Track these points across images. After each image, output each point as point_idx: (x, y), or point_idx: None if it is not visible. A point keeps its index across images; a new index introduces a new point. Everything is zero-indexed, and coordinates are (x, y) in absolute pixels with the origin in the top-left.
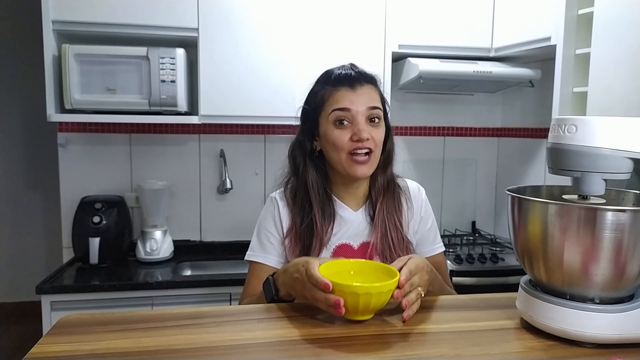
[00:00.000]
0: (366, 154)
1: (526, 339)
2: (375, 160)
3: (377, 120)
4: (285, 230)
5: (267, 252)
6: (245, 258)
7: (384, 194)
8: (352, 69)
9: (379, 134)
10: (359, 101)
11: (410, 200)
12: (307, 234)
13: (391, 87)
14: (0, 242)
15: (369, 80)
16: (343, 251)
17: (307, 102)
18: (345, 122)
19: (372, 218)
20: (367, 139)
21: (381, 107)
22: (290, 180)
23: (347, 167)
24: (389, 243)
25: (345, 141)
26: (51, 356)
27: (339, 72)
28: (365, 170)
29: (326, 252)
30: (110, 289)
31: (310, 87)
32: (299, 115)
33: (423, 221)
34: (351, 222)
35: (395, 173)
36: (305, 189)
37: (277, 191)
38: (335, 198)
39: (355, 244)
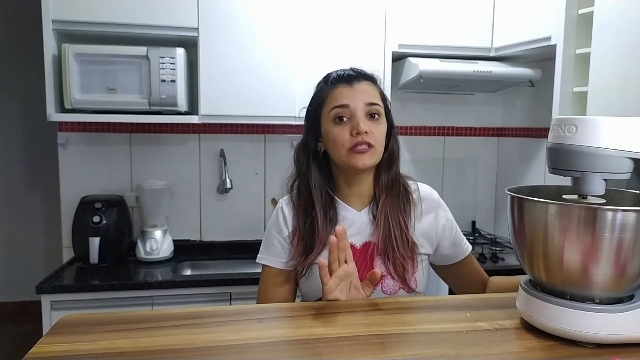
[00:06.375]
0: (367, 146)
1: (526, 339)
2: (376, 154)
3: (376, 116)
4: (290, 232)
5: (272, 254)
6: (256, 260)
7: (387, 192)
8: (352, 70)
9: (379, 129)
10: (356, 96)
11: (419, 202)
12: (309, 235)
13: (391, 87)
14: (0, 241)
15: (367, 77)
16: None
17: (309, 104)
18: (345, 119)
19: (375, 218)
20: (366, 132)
21: (381, 104)
22: (296, 182)
23: (347, 160)
24: (392, 243)
25: (345, 138)
26: (51, 356)
27: (337, 73)
28: (366, 160)
29: (327, 252)
30: (110, 289)
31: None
32: (303, 116)
33: (448, 227)
34: (354, 221)
35: (406, 174)
36: (308, 189)
37: (285, 197)
38: (339, 200)
39: (358, 244)
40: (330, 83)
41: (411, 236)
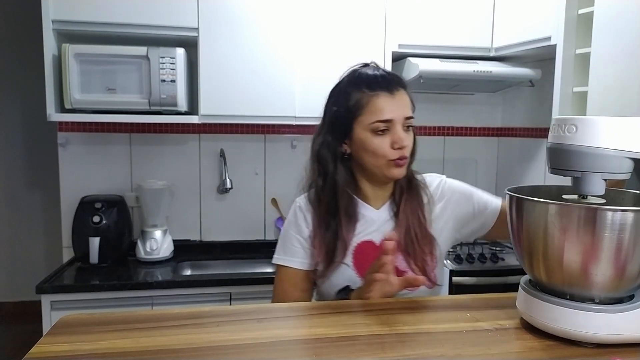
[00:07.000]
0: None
1: (526, 339)
2: (407, 163)
3: (410, 128)
4: (310, 234)
5: (291, 255)
6: (272, 261)
7: (407, 190)
8: (384, 70)
9: (411, 139)
10: (397, 109)
11: (431, 194)
12: (331, 238)
13: None
14: (0, 241)
15: (402, 84)
16: (365, 248)
17: (337, 102)
18: (385, 130)
19: (395, 215)
20: (406, 146)
21: (413, 115)
22: (314, 183)
23: (385, 170)
24: (412, 238)
25: (386, 149)
26: (51, 356)
27: (373, 73)
28: (402, 171)
29: (349, 251)
30: (110, 289)
31: (336, 84)
32: (323, 112)
33: (463, 202)
34: (374, 220)
35: (413, 169)
36: (334, 191)
37: (302, 196)
38: (358, 199)
39: (378, 241)
40: (369, 87)
41: (430, 231)
